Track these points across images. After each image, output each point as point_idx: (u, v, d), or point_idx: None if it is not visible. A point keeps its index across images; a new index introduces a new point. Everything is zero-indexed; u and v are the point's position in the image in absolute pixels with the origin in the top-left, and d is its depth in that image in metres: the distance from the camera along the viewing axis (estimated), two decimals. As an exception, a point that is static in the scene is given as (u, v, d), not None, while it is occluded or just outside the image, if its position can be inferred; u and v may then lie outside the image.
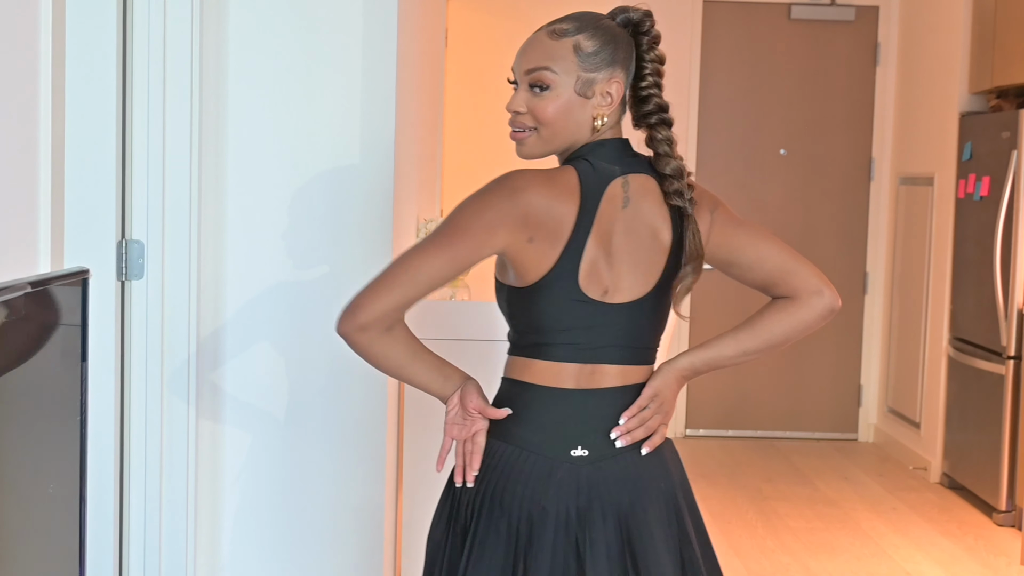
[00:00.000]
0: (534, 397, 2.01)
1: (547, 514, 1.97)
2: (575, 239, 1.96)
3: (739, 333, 2.07)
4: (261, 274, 2.82)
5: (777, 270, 2.03)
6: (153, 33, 2.60)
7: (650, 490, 2.02)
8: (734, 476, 5.94)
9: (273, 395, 2.85)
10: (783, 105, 6.73)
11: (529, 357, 2.03)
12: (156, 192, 2.63)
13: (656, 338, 2.07)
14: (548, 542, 1.96)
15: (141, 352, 2.65)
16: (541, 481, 1.98)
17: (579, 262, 1.96)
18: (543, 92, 2.01)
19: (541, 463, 1.99)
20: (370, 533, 2.91)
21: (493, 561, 1.97)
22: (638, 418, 2.02)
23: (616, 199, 2.00)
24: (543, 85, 2.01)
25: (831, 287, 2.03)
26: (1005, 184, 5.20)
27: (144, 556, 2.68)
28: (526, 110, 2.02)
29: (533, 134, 2.04)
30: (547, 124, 2.02)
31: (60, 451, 1.85)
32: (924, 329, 6.13)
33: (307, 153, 2.81)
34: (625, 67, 2.05)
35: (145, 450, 2.67)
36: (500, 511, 1.98)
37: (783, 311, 2.04)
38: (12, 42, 2.03)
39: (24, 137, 2.09)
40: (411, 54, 3.30)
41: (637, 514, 2.00)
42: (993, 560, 4.71)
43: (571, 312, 1.98)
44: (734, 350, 2.07)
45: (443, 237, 1.95)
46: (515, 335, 2.06)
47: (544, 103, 2.01)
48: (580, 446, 2.00)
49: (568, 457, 1.99)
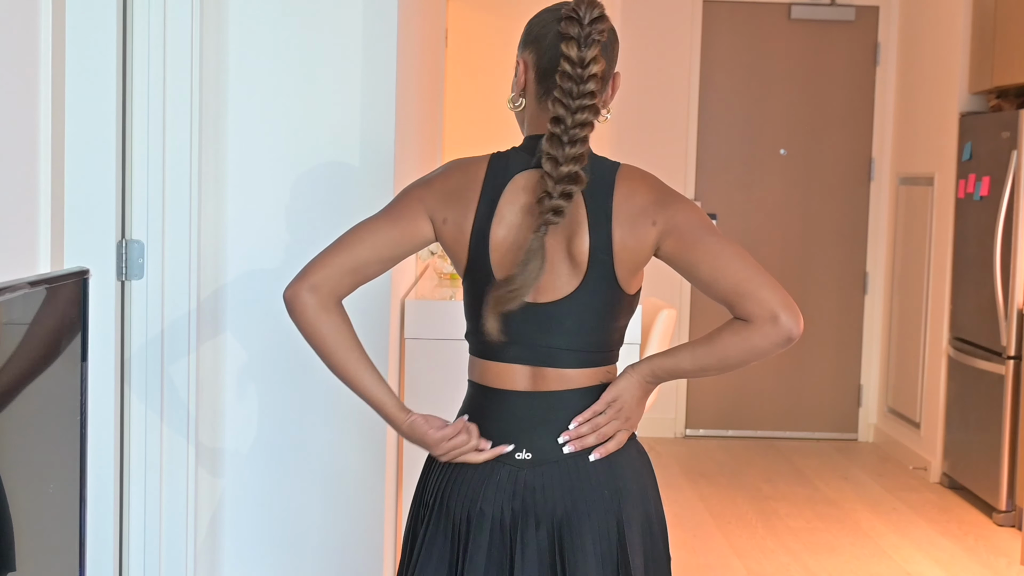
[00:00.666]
0: (484, 398, 2.02)
1: (484, 516, 1.96)
2: (478, 227, 1.97)
3: (697, 348, 1.95)
4: (261, 274, 2.82)
5: (731, 292, 1.89)
6: (153, 33, 2.60)
7: (590, 499, 1.95)
8: (734, 476, 5.94)
9: (273, 395, 2.85)
10: (783, 105, 6.73)
11: (478, 357, 2.04)
12: (156, 192, 2.63)
13: (608, 340, 2.01)
14: (483, 544, 1.96)
15: (141, 352, 2.65)
16: (481, 483, 1.97)
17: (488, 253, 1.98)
18: None
19: (483, 465, 1.99)
20: (370, 534, 2.90)
21: (440, 561, 1.99)
22: (590, 423, 1.97)
23: (520, 191, 1.97)
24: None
25: (791, 311, 1.88)
26: (1005, 184, 5.20)
27: (144, 556, 2.68)
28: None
29: None
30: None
31: (60, 451, 1.85)
32: (924, 329, 6.13)
33: (307, 153, 2.81)
34: (535, 48, 1.99)
35: (145, 450, 2.67)
36: (445, 511, 2.00)
37: (737, 334, 1.90)
38: (12, 42, 2.03)
39: (24, 137, 2.09)
40: (411, 54, 3.30)
41: (572, 523, 1.95)
42: (993, 560, 4.71)
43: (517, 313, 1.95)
44: (691, 364, 1.97)
45: (386, 209, 2.05)
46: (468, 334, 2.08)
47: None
48: (525, 449, 1.98)
49: (510, 459, 1.98)
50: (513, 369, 1.99)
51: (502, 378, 2.00)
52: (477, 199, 1.97)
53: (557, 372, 1.98)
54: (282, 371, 2.85)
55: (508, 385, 2.00)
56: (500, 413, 2.00)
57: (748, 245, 6.76)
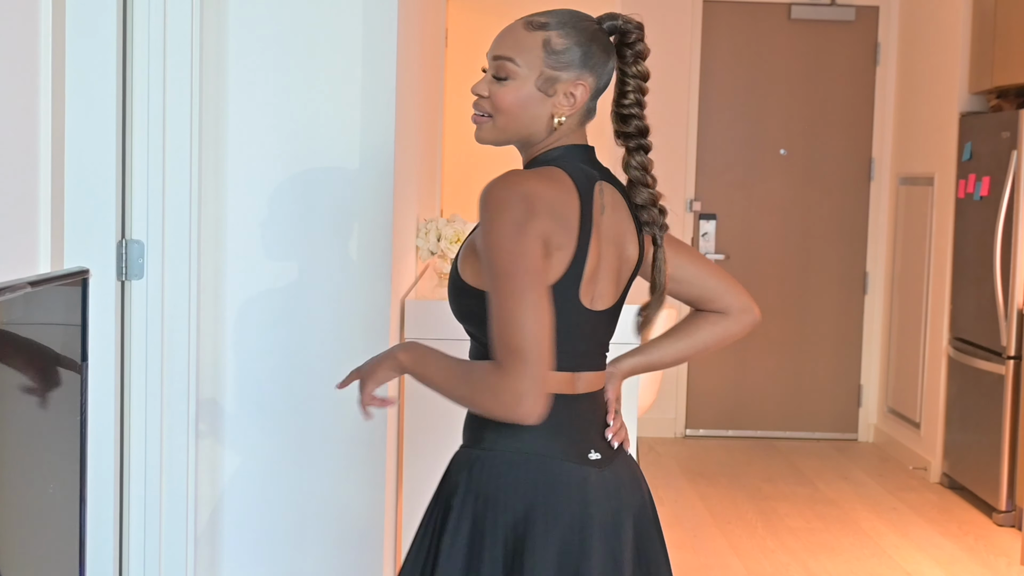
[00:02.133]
0: (560, 405, 1.96)
1: (592, 518, 1.96)
2: (581, 242, 1.94)
3: (676, 340, 2.17)
4: (261, 274, 2.82)
5: (714, 288, 2.15)
6: (153, 33, 2.60)
7: (647, 488, 2.14)
8: (734, 476, 5.94)
9: (273, 395, 2.85)
10: (783, 105, 6.73)
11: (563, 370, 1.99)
12: (156, 192, 2.63)
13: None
14: (597, 547, 1.95)
15: (141, 352, 2.65)
16: (581, 487, 1.96)
17: (583, 267, 1.94)
18: (503, 82, 1.99)
19: (573, 469, 1.97)
20: (370, 533, 2.90)
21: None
22: (620, 417, 2.10)
23: (597, 204, 1.98)
24: (503, 75, 1.99)
25: (755, 304, 2.18)
26: (1005, 184, 5.20)
27: (144, 556, 2.68)
28: (488, 95, 2.01)
29: (489, 120, 2.02)
30: (502, 112, 1.99)
31: (60, 451, 1.85)
32: (924, 329, 6.13)
33: (307, 153, 2.81)
34: (595, 73, 2.00)
35: (145, 450, 2.67)
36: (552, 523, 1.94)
37: (716, 324, 2.16)
38: (12, 42, 2.03)
39: (24, 137, 2.09)
40: (411, 54, 3.30)
41: (648, 511, 2.10)
42: (993, 560, 4.71)
43: (568, 320, 1.94)
44: (672, 356, 2.18)
45: (510, 281, 1.82)
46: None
47: (503, 92, 1.99)
48: (594, 449, 2.01)
49: (585, 460, 1.99)
50: (556, 376, 1.96)
51: (574, 384, 2.01)
52: (578, 212, 1.94)
53: (592, 375, 2.03)
54: (282, 371, 2.85)
55: (571, 390, 2.00)
56: (572, 415, 1.99)
57: (748, 245, 6.77)
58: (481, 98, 2.02)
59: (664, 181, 6.71)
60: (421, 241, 3.69)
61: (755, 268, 6.75)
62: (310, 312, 2.83)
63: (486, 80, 2.02)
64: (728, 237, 6.75)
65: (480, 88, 2.02)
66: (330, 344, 2.85)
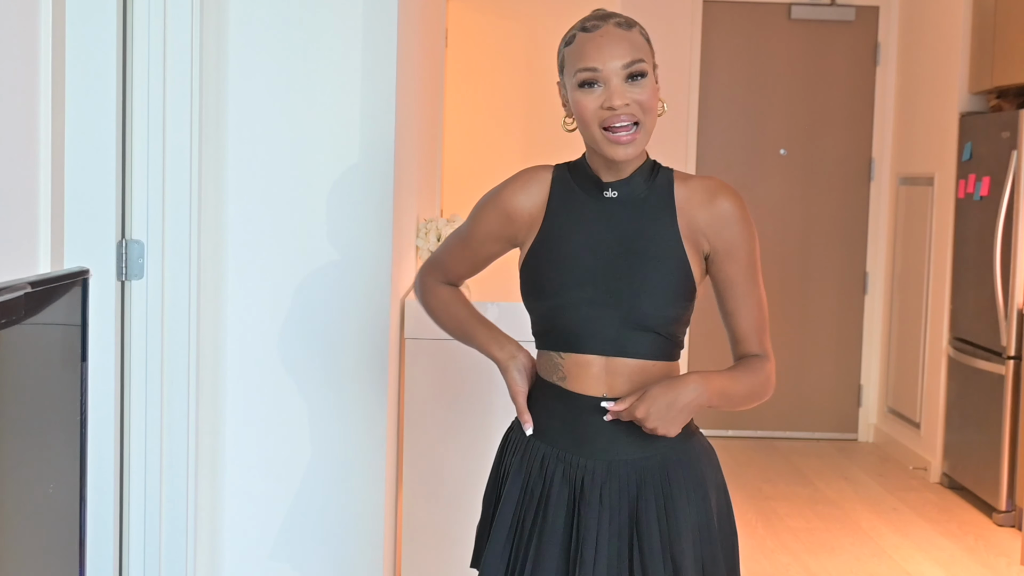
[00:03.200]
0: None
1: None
2: None
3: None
4: (261, 274, 2.82)
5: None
6: (153, 33, 2.60)
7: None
8: (734, 476, 5.94)
9: (273, 395, 2.85)
10: (783, 105, 6.73)
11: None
12: (156, 192, 2.63)
13: None
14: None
15: (141, 352, 2.65)
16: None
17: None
18: (642, 80, 2.01)
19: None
20: (370, 533, 2.91)
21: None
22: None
23: None
24: (641, 73, 2.00)
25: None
26: (1005, 184, 5.20)
27: (144, 556, 2.68)
28: (629, 101, 2.00)
29: (639, 129, 2.02)
30: (651, 112, 2.02)
31: (60, 451, 1.85)
32: (924, 329, 6.13)
33: (307, 153, 2.81)
34: None
35: (145, 450, 2.67)
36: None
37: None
38: (12, 42, 2.03)
39: (24, 137, 2.09)
40: (411, 54, 3.30)
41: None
42: (993, 560, 4.71)
43: None
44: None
45: (760, 275, 2.20)
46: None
47: (646, 92, 2.01)
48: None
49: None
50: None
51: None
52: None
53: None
54: (282, 370, 2.85)
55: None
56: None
57: (748, 245, 6.76)
58: (622, 107, 1.99)
59: (664, 181, 6.70)
60: (421, 241, 3.69)
61: (755, 268, 6.75)
62: (310, 312, 2.83)
63: (617, 89, 1.99)
64: (728, 237, 6.75)
65: (621, 96, 1.99)
66: (330, 344, 2.85)
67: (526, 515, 2.08)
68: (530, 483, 2.09)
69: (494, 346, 2.16)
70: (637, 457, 2.05)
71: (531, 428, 2.10)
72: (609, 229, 2.06)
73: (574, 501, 2.05)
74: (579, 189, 2.10)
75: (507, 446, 2.19)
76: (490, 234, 2.17)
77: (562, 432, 2.08)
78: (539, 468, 2.09)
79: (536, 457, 2.10)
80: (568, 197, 2.10)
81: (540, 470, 2.08)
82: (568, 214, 2.09)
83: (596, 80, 1.99)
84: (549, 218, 2.10)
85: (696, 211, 2.08)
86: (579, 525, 2.03)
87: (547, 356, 2.10)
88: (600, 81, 1.99)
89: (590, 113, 1.99)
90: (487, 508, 2.20)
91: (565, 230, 2.08)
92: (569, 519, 2.04)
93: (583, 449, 2.06)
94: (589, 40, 2.00)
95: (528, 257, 2.11)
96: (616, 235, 2.05)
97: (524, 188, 2.13)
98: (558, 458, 2.07)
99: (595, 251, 2.05)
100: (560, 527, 2.04)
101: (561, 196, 2.10)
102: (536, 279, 2.08)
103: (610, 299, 2.03)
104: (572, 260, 2.05)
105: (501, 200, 2.14)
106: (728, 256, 2.08)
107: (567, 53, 2.04)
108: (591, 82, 1.99)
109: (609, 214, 2.07)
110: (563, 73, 2.06)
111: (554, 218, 2.09)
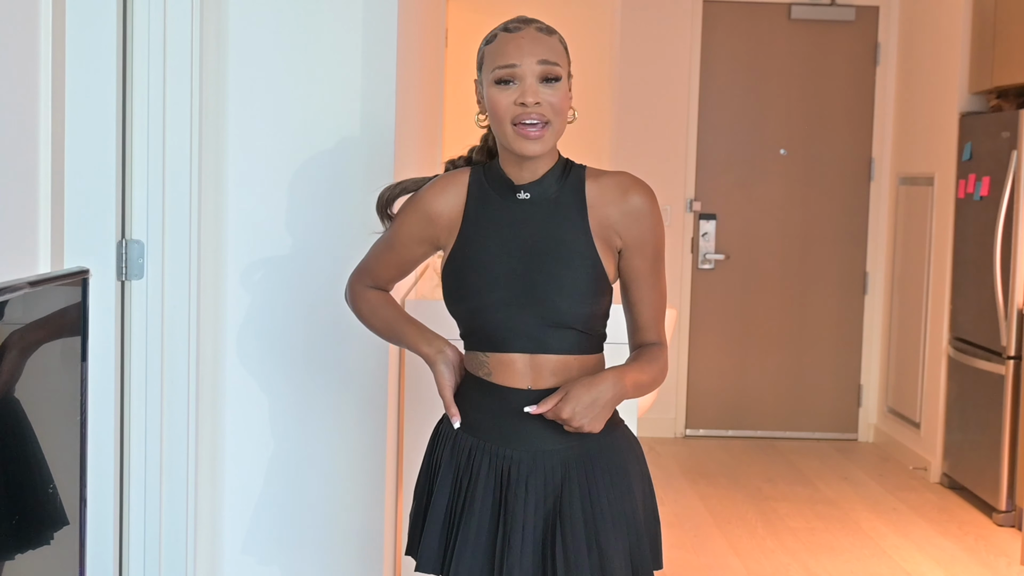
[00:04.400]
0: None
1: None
2: None
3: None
4: (261, 274, 2.82)
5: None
6: (153, 33, 2.60)
7: None
8: (734, 476, 5.94)
9: (273, 395, 2.85)
10: (783, 105, 6.73)
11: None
12: (156, 192, 2.63)
13: None
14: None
15: (141, 352, 2.65)
16: None
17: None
18: (556, 84, 2.06)
19: None
20: (370, 533, 2.91)
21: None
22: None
23: None
24: (555, 77, 2.05)
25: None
26: (1005, 184, 5.20)
27: (144, 556, 2.68)
28: (540, 100, 2.05)
29: (548, 128, 2.07)
30: (561, 115, 2.07)
31: (60, 451, 1.85)
32: (924, 329, 6.13)
33: (307, 153, 2.81)
34: None
35: (145, 450, 2.67)
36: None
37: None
38: (12, 42, 2.03)
39: (24, 137, 2.09)
40: (411, 53, 3.30)
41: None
42: (993, 560, 4.71)
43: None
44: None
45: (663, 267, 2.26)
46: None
47: (558, 95, 2.06)
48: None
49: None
50: None
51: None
52: None
53: None
54: (282, 370, 2.85)
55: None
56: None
57: (748, 245, 6.77)
58: (532, 105, 2.04)
59: (664, 181, 6.72)
60: (421, 241, 3.68)
61: (755, 268, 6.75)
62: (310, 312, 2.83)
63: (528, 87, 2.05)
64: (728, 237, 6.75)
65: (533, 95, 2.04)
66: (330, 343, 2.85)
67: (456, 506, 2.17)
68: (459, 475, 2.17)
69: (422, 342, 2.22)
70: (561, 447, 2.12)
71: (459, 421, 2.17)
72: (523, 231, 2.13)
73: (501, 491, 2.13)
74: (493, 192, 2.17)
75: (437, 439, 2.26)
76: (412, 236, 2.24)
77: (489, 425, 2.15)
78: (467, 460, 2.17)
79: (464, 449, 2.18)
80: (483, 201, 2.17)
81: (468, 462, 2.17)
82: (483, 218, 2.16)
83: (513, 77, 2.05)
84: (466, 222, 2.17)
85: (608, 208, 2.13)
86: (506, 514, 2.11)
87: (473, 355, 2.19)
88: (516, 79, 2.05)
89: (503, 108, 2.06)
90: (419, 499, 2.27)
91: (481, 234, 2.15)
92: (496, 508, 2.13)
93: (509, 440, 2.13)
94: (511, 40, 2.07)
95: (448, 262, 2.19)
96: (529, 237, 2.12)
97: (442, 192, 2.20)
98: (485, 450, 2.15)
99: (510, 253, 2.12)
100: (487, 516, 2.13)
101: (477, 200, 2.17)
102: (455, 283, 2.16)
103: (527, 300, 2.10)
104: (488, 263, 2.12)
105: (422, 203, 2.22)
106: (637, 250, 2.14)
107: (487, 51, 2.11)
108: (508, 79, 2.06)
109: (523, 216, 2.13)
110: (481, 70, 2.13)
111: (470, 222, 2.17)
